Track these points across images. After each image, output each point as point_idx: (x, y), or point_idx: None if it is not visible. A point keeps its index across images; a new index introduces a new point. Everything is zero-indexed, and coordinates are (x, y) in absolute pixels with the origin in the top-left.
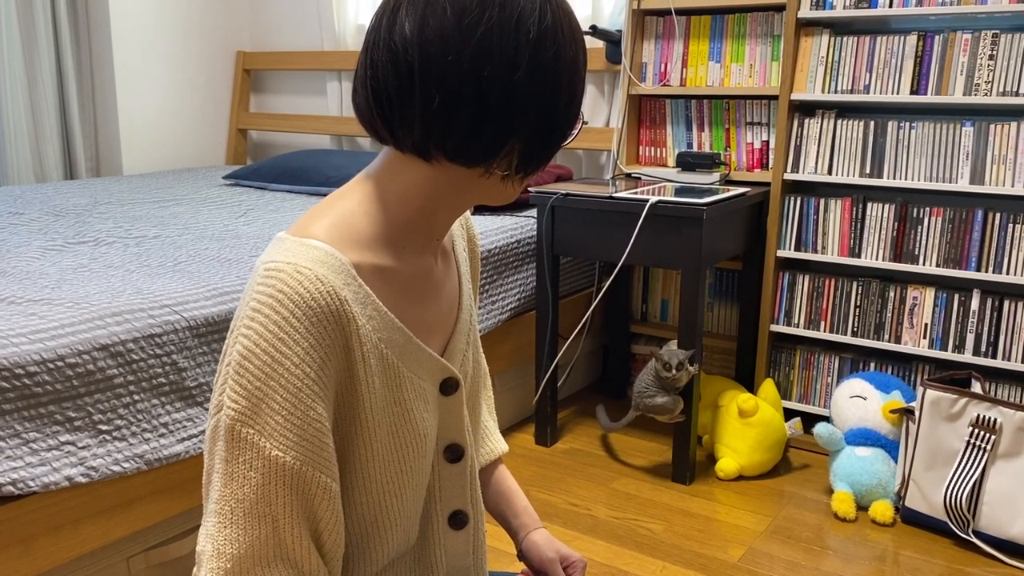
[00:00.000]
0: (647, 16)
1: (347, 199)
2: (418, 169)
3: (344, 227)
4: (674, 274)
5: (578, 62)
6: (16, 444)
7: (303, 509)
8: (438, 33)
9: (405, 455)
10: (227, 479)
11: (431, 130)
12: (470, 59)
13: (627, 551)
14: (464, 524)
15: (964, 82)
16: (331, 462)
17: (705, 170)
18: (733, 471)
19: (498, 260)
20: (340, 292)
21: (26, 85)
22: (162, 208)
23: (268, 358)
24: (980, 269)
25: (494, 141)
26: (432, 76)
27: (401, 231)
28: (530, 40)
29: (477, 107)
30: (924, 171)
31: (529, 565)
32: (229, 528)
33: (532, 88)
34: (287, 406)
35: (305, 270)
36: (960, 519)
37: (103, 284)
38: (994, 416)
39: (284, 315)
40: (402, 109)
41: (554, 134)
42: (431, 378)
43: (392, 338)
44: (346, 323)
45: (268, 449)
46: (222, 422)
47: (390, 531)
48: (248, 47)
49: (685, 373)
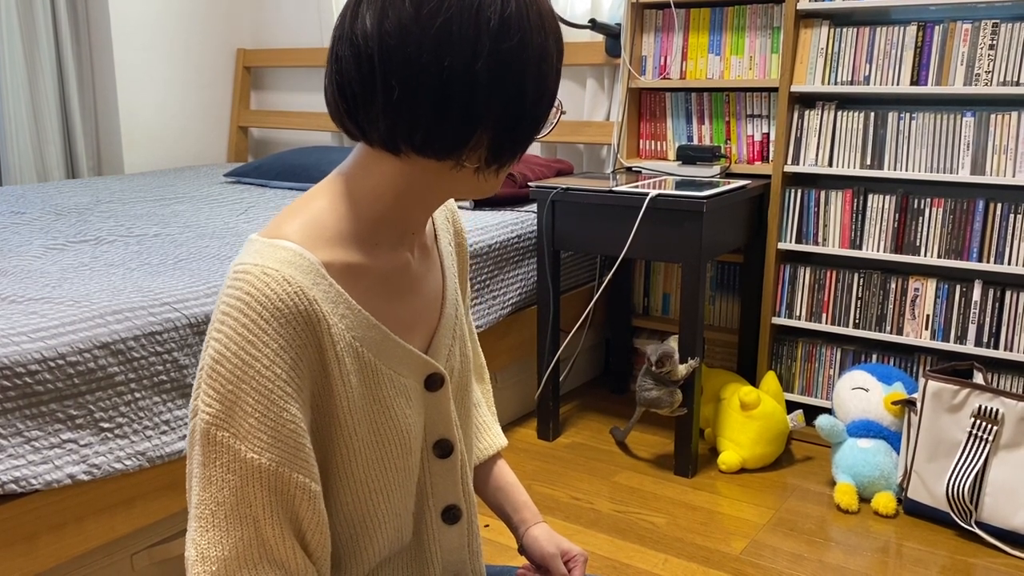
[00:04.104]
0: (646, 9)
1: (318, 198)
2: (389, 164)
3: (314, 226)
4: (675, 268)
5: (547, 50)
6: (18, 442)
7: (283, 510)
8: (397, 25)
9: (388, 452)
10: (205, 483)
11: (396, 123)
12: (429, 50)
13: (630, 544)
14: (458, 519)
15: (964, 72)
16: (308, 462)
17: (705, 163)
18: (735, 464)
19: (499, 255)
20: (308, 292)
21: (27, 84)
22: (163, 206)
23: (239, 361)
24: (981, 260)
25: (460, 132)
26: (392, 68)
27: (374, 227)
28: (491, 29)
29: (439, 98)
30: (925, 162)
31: (530, 559)
32: (211, 531)
33: (495, 78)
34: (260, 408)
35: (272, 271)
36: (963, 510)
37: (104, 282)
38: (996, 407)
39: (252, 317)
40: (366, 103)
41: (523, 124)
42: (414, 374)
43: (368, 336)
44: (316, 323)
45: (243, 452)
46: (198, 426)
47: (380, 529)
48: (249, 44)
49: (678, 366)
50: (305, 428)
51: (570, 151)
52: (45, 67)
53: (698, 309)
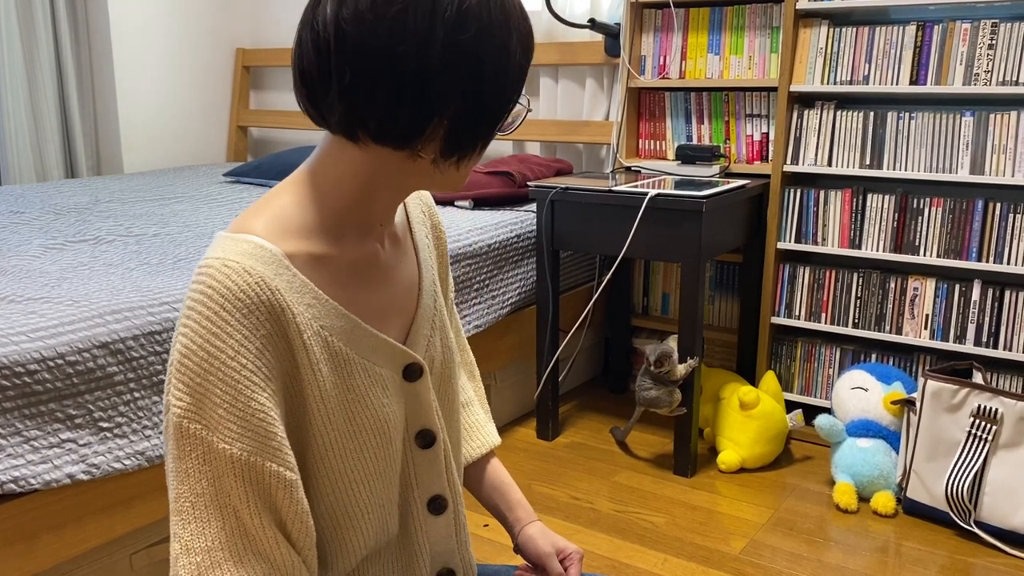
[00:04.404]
0: (645, 9)
1: (283, 193)
2: (351, 154)
3: (277, 219)
4: (675, 267)
5: (508, 47)
6: (17, 442)
7: (261, 500)
8: (354, 12)
9: (367, 442)
10: (183, 476)
11: (351, 109)
12: (383, 37)
13: (629, 544)
14: (444, 509)
15: (963, 72)
16: (281, 450)
17: (705, 163)
18: (735, 463)
19: (498, 255)
20: (270, 282)
21: (26, 85)
22: (162, 206)
23: (205, 353)
24: (981, 259)
25: (414, 121)
26: (347, 54)
27: (338, 218)
28: (446, 20)
29: (393, 86)
30: (924, 162)
31: (526, 559)
32: (193, 523)
33: (448, 70)
34: (227, 398)
35: (232, 263)
36: (962, 510)
37: (103, 282)
38: (995, 406)
39: (215, 309)
40: (324, 88)
41: (480, 119)
42: (390, 364)
43: (337, 325)
44: (280, 312)
45: (215, 442)
46: (170, 421)
47: (363, 520)
48: (248, 44)
49: (677, 366)
50: (276, 417)
51: (569, 151)
52: (44, 67)
53: (697, 309)
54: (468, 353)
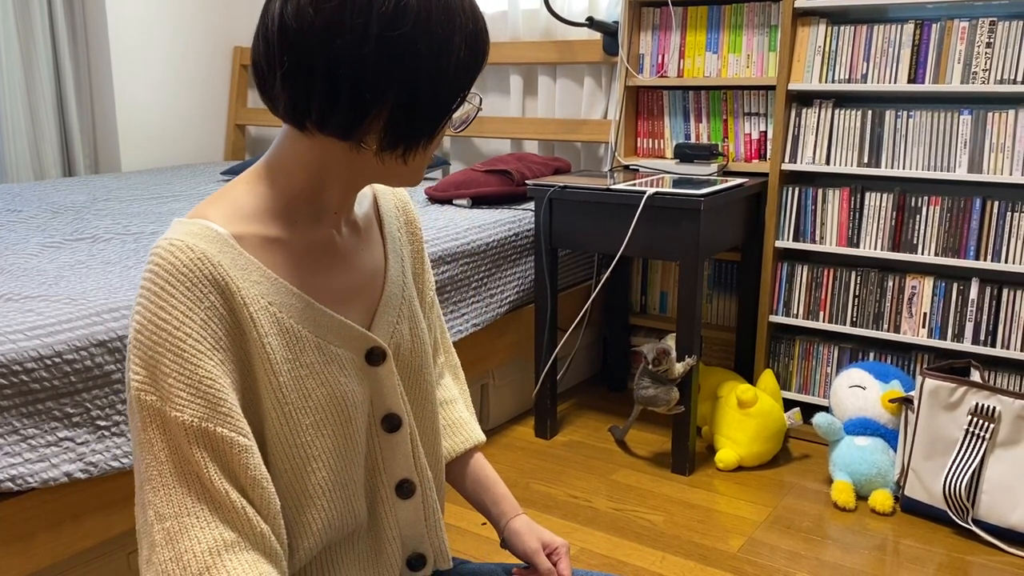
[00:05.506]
0: (644, 7)
1: (239, 182)
2: (302, 144)
3: (230, 205)
4: (673, 266)
5: (451, 45)
6: (14, 441)
7: (218, 466)
8: (296, 7)
9: (323, 418)
10: (146, 446)
11: (293, 99)
12: (320, 31)
13: (627, 542)
14: (412, 493)
15: (961, 70)
16: (232, 416)
17: (703, 161)
18: (733, 462)
19: (496, 253)
20: (213, 258)
21: (24, 83)
22: (160, 204)
23: (154, 327)
24: (979, 258)
25: (351, 114)
26: (286, 45)
27: (288, 204)
28: (383, 15)
29: (330, 78)
30: (922, 160)
31: (513, 554)
32: (161, 490)
33: (383, 64)
34: (175, 368)
35: (178, 242)
36: (959, 508)
37: (101, 280)
38: (993, 404)
39: (161, 284)
40: (270, 78)
41: (418, 114)
42: (349, 345)
43: (287, 303)
44: (224, 285)
45: (168, 411)
46: (131, 395)
47: (322, 497)
48: (245, 42)
49: (675, 364)
50: (225, 384)
51: (567, 149)
52: (42, 65)
53: (695, 307)
54: (453, 355)
